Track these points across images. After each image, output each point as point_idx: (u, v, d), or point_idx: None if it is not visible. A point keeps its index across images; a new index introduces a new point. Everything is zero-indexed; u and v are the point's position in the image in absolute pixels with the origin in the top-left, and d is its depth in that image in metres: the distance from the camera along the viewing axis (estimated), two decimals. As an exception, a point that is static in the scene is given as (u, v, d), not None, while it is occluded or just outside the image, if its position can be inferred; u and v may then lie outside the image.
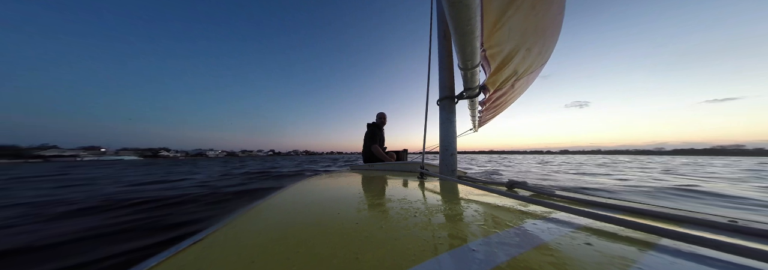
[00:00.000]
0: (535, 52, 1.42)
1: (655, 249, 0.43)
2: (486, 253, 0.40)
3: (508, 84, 1.68)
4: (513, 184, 1.03)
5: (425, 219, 0.58)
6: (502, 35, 1.10)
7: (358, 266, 0.36)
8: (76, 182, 7.14)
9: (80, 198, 3.99)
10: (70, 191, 5.07)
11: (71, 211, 2.96)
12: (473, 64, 1.12)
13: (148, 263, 0.40)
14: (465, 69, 1.19)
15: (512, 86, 1.82)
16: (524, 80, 1.86)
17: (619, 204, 0.74)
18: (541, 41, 1.35)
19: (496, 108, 2.41)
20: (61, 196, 4.25)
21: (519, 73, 1.57)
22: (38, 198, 4.13)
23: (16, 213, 2.94)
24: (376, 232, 0.49)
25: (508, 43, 1.18)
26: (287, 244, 0.44)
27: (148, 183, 6.34)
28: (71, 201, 3.64)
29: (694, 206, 2.96)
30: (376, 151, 3.30)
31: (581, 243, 0.45)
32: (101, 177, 9.12)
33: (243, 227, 0.55)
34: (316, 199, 0.85)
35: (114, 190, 5.09)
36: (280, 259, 0.38)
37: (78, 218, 2.61)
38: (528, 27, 1.14)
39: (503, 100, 2.14)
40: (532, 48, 1.35)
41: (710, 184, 4.87)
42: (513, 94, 2.15)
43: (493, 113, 2.65)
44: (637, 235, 0.49)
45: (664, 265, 0.38)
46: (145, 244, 1.80)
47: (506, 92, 1.92)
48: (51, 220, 2.60)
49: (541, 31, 1.25)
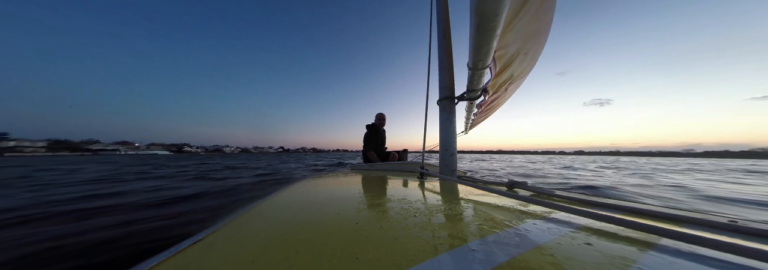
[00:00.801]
0: (529, 56, 1.42)
1: (655, 249, 0.43)
2: (486, 253, 0.40)
3: (503, 88, 1.68)
4: (513, 184, 1.03)
5: (425, 219, 0.58)
6: (510, 37, 1.10)
7: (358, 266, 0.36)
8: (215, 166, 10.19)
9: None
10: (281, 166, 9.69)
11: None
12: (484, 65, 1.09)
13: (148, 263, 0.40)
14: (475, 69, 1.16)
15: (505, 90, 1.82)
16: (516, 84, 1.87)
17: (619, 204, 0.74)
18: (535, 46, 1.35)
19: (487, 111, 2.43)
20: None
21: (514, 77, 1.57)
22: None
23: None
24: (376, 232, 0.49)
25: (513, 46, 1.17)
26: (287, 244, 0.44)
27: (265, 166, 9.98)
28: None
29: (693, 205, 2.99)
30: (371, 156, 3.34)
31: (581, 243, 0.45)
32: (211, 164, 12.62)
33: (243, 227, 0.55)
34: (316, 199, 0.85)
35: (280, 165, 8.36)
36: (280, 259, 0.38)
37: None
38: (529, 31, 1.14)
39: (495, 103, 2.15)
40: (528, 52, 1.34)
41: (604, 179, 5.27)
42: (504, 98, 2.16)
43: (484, 116, 2.67)
44: (637, 235, 0.49)
45: (664, 265, 0.38)
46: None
47: (499, 96, 1.93)
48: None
49: (537, 36, 1.24)
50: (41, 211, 2.45)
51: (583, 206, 0.72)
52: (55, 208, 2.58)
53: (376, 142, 3.51)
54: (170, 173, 6.95)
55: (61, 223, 2.06)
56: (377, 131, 3.57)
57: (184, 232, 1.85)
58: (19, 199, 3.12)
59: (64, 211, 2.46)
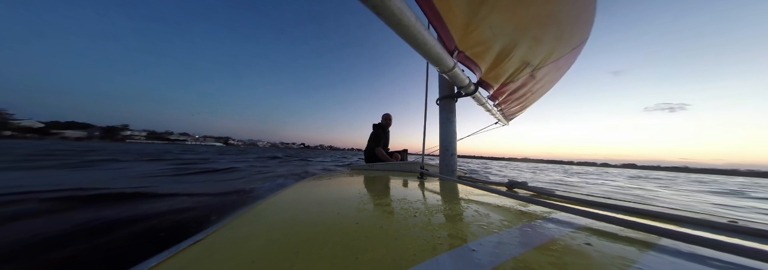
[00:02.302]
0: (550, 38, 1.42)
1: (655, 249, 0.43)
2: (486, 253, 0.40)
3: (524, 74, 1.68)
4: (513, 184, 1.03)
5: (425, 219, 0.58)
6: (481, 35, 1.13)
7: (358, 266, 0.36)
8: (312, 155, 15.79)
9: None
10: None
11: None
12: (448, 68, 1.17)
13: (148, 263, 0.40)
14: (442, 72, 1.24)
15: (532, 76, 1.81)
16: (552, 66, 1.84)
17: (619, 204, 0.74)
18: (553, 29, 1.35)
19: (522, 99, 2.36)
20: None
21: (534, 63, 1.58)
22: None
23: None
24: (376, 232, 0.49)
25: (497, 39, 1.20)
26: (287, 244, 0.44)
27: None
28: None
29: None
30: (379, 153, 3.32)
31: (581, 243, 0.45)
32: (304, 153, 18.74)
33: (243, 227, 0.55)
34: (316, 199, 0.85)
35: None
36: (280, 259, 0.38)
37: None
38: (521, 20, 1.15)
39: (527, 90, 2.11)
40: (541, 37, 1.34)
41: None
42: (540, 83, 2.13)
43: (521, 104, 2.61)
44: (637, 235, 0.49)
45: (664, 265, 0.38)
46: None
47: (525, 83, 1.91)
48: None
49: (546, 19, 1.25)
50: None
51: (583, 206, 0.72)
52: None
53: (384, 141, 3.52)
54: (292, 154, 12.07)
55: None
56: (384, 131, 3.58)
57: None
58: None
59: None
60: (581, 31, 1.65)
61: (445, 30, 1.04)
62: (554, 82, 2.49)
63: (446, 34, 1.08)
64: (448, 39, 1.12)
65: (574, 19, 1.45)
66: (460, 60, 1.29)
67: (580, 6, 1.42)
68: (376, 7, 0.70)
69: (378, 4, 0.69)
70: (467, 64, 1.37)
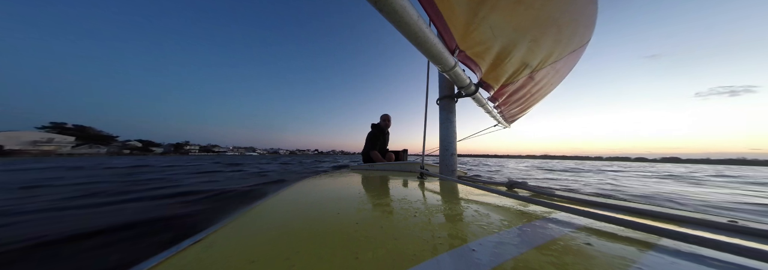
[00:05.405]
0: (549, 41, 1.42)
1: (655, 249, 0.43)
2: (486, 253, 0.40)
3: (523, 76, 1.68)
4: (513, 184, 1.03)
5: (425, 219, 0.58)
6: (481, 34, 1.13)
7: (358, 266, 0.36)
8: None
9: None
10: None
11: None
12: (448, 67, 1.17)
13: (148, 263, 0.40)
14: (443, 71, 1.24)
15: (531, 78, 1.80)
16: (550, 69, 1.84)
17: (619, 204, 0.74)
18: (552, 30, 1.36)
19: (521, 100, 2.34)
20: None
21: (533, 65, 1.58)
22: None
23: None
24: (376, 232, 0.49)
25: (496, 40, 1.20)
26: (287, 244, 0.44)
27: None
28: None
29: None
30: (374, 156, 3.30)
31: (581, 243, 0.45)
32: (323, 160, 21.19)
33: (243, 227, 0.55)
34: (315, 199, 0.85)
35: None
36: (280, 259, 0.38)
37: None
38: (520, 21, 1.16)
39: (526, 91, 2.09)
40: (540, 38, 1.35)
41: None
42: (539, 85, 2.11)
43: (520, 106, 2.58)
44: (637, 235, 0.49)
45: (664, 265, 0.38)
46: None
47: (524, 84, 1.90)
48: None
49: (545, 21, 1.25)
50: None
51: (583, 206, 0.72)
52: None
53: (380, 142, 3.48)
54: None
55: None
56: (383, 132, 3.54)
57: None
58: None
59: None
60: (581, 33, 1.65)
61: (446, 28, 1.04)
62: (554, 85, 2.48)
63: (447, 33, 1.08)
64: (449, 37, 1.12)
65: (573, 21, 1.45)
66: (460, 59, 1.29)
67: (580, 8, 1.42)
68: (378, 3, 0.71)
69: (381, 1, 0.70)
70: (468, 64, 1.37)
